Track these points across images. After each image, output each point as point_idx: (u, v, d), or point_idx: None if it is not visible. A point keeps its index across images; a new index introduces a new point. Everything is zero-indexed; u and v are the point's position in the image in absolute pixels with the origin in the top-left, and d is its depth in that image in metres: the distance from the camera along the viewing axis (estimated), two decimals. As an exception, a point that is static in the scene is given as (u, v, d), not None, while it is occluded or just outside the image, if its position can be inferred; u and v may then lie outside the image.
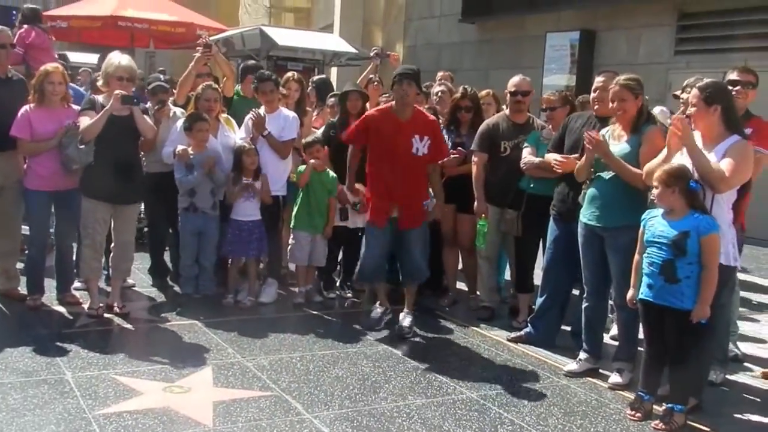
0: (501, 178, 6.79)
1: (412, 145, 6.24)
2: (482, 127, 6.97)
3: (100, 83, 6.50)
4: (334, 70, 16.21)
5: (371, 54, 9.17)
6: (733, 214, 4.95)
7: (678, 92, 6.45)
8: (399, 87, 6.24)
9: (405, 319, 6.47)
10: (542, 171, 6.34)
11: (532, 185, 6.58)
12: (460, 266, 7.76)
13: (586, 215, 5.56)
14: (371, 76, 8.91)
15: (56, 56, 9.21)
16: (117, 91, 6.21)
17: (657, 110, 7.10)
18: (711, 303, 4.72)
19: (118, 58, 6.38)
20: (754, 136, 5.42)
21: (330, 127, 7.61)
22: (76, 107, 6.50)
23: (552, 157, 6.05)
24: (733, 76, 5.69)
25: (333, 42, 14.62)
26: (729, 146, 4.83)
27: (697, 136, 4.92)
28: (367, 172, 6.61)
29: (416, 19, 16.54)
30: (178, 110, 7.31)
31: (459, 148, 7.10)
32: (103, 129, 6.17)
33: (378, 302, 6.71)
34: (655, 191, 4.78)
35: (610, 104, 5.44)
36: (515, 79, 6.96)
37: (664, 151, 4.99)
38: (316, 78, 9.69)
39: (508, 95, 6.96)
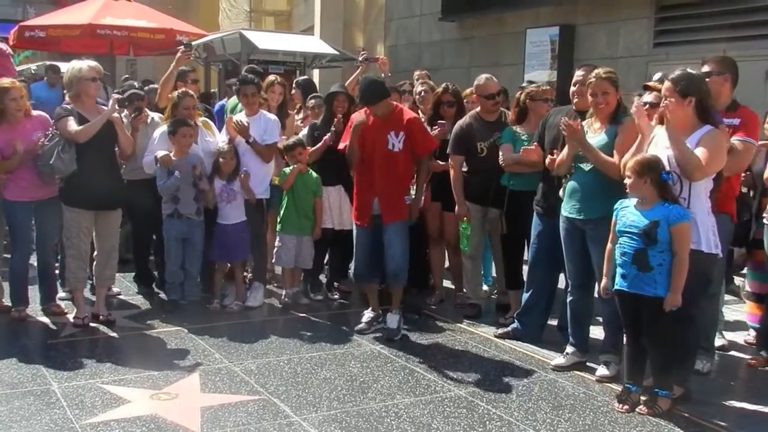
0: (481, 177, 6.79)
1: (387, 141, 6.26)
2: (455, 129, 6.93)
3: (69, 94, 6.39)
4: (315, 72, 16.19)
5: (360, 59, 9.15)
6: (710, 202, 4.97)
7: (652, 83, 6.43)
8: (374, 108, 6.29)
9: (392, 320, 6.44)
10: (521, 166, 6.36)
11: (511, 182, 6.58)
12: (446, 264, 7.78)
13: (566, 208, 5.58)
14: (360, 78, 8.83)
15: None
16: (115, 95, 6.32)
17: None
18: (699, 293, 4.77)
19: (83, 62, 6.34)
20: (741, 126, 5.45)
21: (314, 129, 7.59)
22: (38, 113, 6.47)
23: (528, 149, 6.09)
24: (706, 67, 5.69)
25: (313, 44, 14.61)
26: (702, 136, 4.87)
27: (660, 130, 4.97)
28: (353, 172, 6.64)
29: (396, 19, 16.55)
30: (156, 116, 7.29)
31: (441, 121, 7.07)
32: None
33: (370, 307, 6.66)
34: (627, 181, 4.83)
35: (591, 97, 5.46)
36: (484, 81, 6.88)
37: (638, 139, 5.03)
38: (300, 78, 9.67)
39: (481, 99, 6.89)
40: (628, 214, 4.88)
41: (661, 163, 4.80)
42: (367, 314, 6.62)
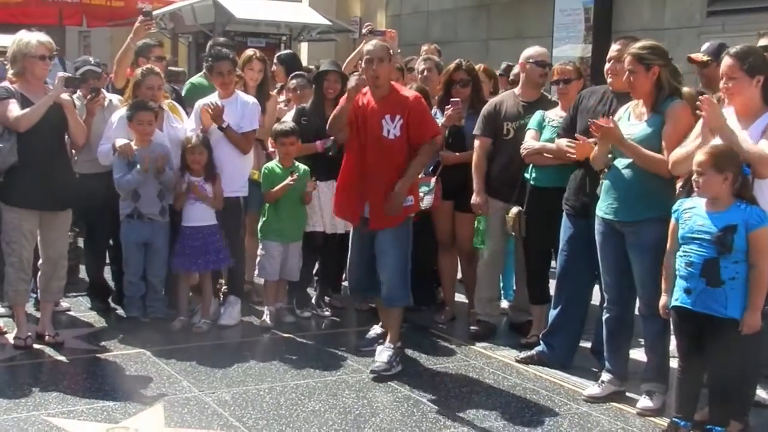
0: (504, 166, 6.83)
1: (381, 126, 6.11)
2: (486, 107, 7.01)
3: (12, 71, 6.40)
4: (304, 46, 16.21)
5: (364, 31, 9.17)
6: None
7: (697, 55, 6.41)
8: (369, 67, 6.09)
9: (381, 354, 6.17)
10: (545, 158, 6.38)
11: (534, 175, 6.60)
12: (459, 275, 7.79)
13: (602, 208, 5.58)
14: None
15: None
16: (60, 73, 6.30)
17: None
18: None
19: (33, 36, 6.32)
20: None
21: (301, 115, 7.59)
22: None
23: (563, 143, 6.09)
24: (764, 41, 5.71)
25: (302, 13, 14.64)
26: (768, 123, 4.88)
27: (730, 113, 4.98)
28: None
29: (400, -17, 16.60)
30: (114, 98, 7.31)
31: (454, 99, 7.10)
32: None
33: (380, 323, 6.64)
34: (699, 178, 4.79)
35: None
36: (539, 49, 7.04)
37: (694, 137, 5.02)
38: (282, 53, 9.68)
39: (527, 65, 6.93)
40: (696, 217, 4.86)
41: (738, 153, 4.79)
42: (375, 329, 6.61)
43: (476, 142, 6.94)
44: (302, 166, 7.26)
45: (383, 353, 6.18)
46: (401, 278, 6.23)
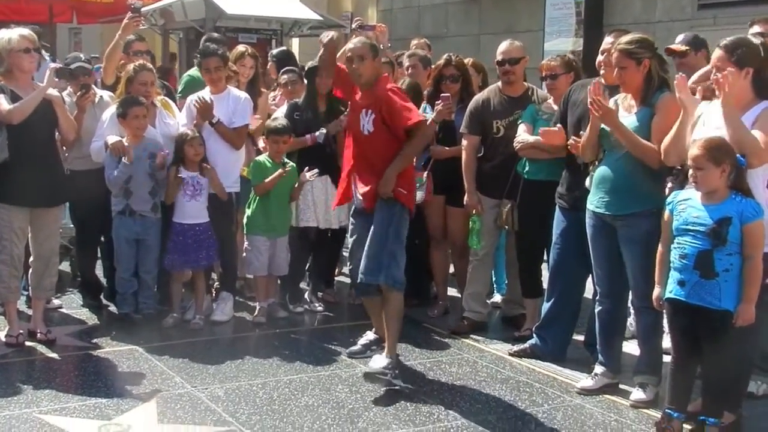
0: (497, 163, 6.82)
1: (359, 121, 6.00)
2: (471, 104, 6.99)
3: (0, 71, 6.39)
4: (295, 42, 16.19)
5: (353, 26, 9.15)
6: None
7: (675, 46, 6.44)
8: (349, 66, 5.99)
9: (376, 362, 5.89)
10: (539, 151, 6.37)
11: (527, 169, 6.60)
12: (451, 269, 7.79)
13: (593, 201, 5.59)
14: None
15: None
16: (52, 65, 6.32)
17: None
18: (760, 303, 4.78)
19: (13, 32, 6.30)
20: None
21: (294, 110, 7.58)
22: None
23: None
24: (756, 28, 5.71)
25: (293, 8, 14.60)
26: (759, 114, 4.89)
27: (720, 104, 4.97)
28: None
29: (391, -23, 16.60)
30: (105, 94, 7.30)
31: (444, 94, 7.06)
32: None
33: (374, 328, 6.50)
34: (697, 172, 4.77)
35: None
36: (502, 46, 6.94)
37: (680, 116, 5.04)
38: (276, 50, 9.66)
39: (497, 66, 6.98)
40: (690, 208, 4.85)
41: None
42: (368, 336, 6.52)
43: (464, 141, 6.93)
44: (291, 163, 7.25)
45: (378, 362, 5.90)
46: (375, 258, 5.90)
